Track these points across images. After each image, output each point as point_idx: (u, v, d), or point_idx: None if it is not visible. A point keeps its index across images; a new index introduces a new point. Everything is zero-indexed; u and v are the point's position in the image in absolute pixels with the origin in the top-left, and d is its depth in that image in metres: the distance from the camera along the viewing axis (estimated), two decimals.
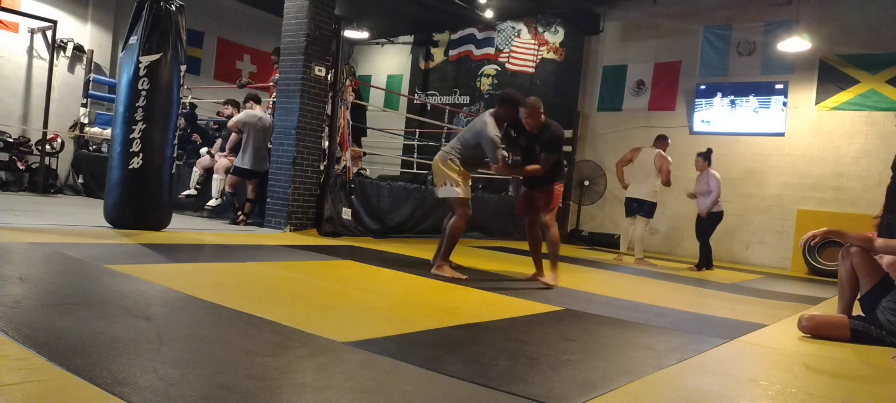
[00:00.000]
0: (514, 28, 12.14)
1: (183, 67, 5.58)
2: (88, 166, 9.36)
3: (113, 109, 5.99)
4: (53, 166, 9.24)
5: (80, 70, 9.86)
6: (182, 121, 8.42)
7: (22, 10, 9.07)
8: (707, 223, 7.49)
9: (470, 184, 4.80)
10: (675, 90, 10.47)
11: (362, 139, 8.69)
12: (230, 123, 7.17)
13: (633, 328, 3.34)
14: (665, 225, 10.31)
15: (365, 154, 8.96)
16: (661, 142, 7.81)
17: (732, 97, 9.88)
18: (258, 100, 7.37)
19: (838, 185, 9.09)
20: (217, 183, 7.37)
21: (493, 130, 4.52)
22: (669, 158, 7.65)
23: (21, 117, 9.32)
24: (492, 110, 4.74)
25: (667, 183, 7.62)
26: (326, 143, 6.91)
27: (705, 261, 7.55)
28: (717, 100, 10.00)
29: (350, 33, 12.02)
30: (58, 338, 1.98)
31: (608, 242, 9.81)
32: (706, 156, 7.46)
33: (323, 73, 6.80)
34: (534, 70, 11.81)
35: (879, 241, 3.49)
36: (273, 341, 2.25)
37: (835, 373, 2.76)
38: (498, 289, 4.21)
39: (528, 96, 4.73)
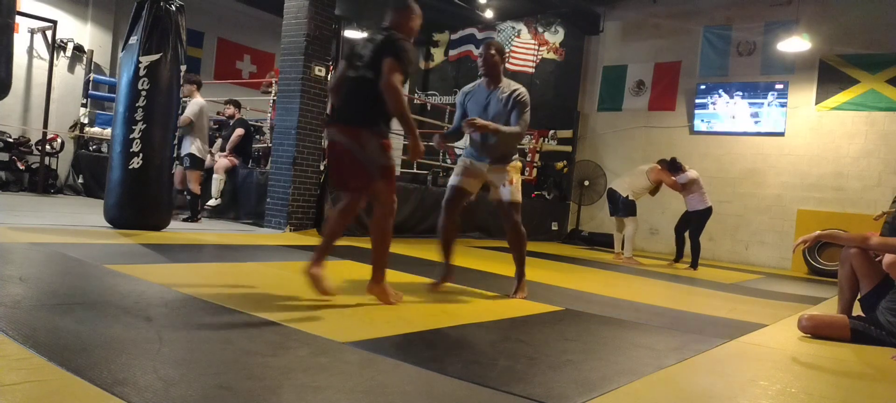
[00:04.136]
0: (514, 28, 12.13)
1: (183, 67, 5.59)
2: (88, 166, 9.36)
3: (113, 109, 5.99)
4: (53, 166, 9.24)
5: (80, 70, 9.86)
6: None
7: (22, 10, 9.05)
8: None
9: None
10: (675, 90, 10.48)
11: None
12: (182, 119, 6.29)
13: (633, 328, 3.34)
14: (666, 224, 10.30)
15: None
16: (666, 163, 7.87)
17: (732, 97, 9.88)
18: (200, 86, 6.98)
19: (838, 185, 9.09)
20: (217, 183, 7.37)
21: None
22: (671, 177, 7.68)
23: (21, 117, 9.32)
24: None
25: (673, 186, 7.72)
26: (326, 143, 6.91)
27: (687, 256, 7.88)
28: (717, 100, 10.00)
29: (350, 33, 12.01)
30: (58, 338, 1.98)
31: (608, 242, 9.78)
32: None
33: (323, 73, 6.80)
34: (534, 70, 11.80)
35: (875, 240, 3.44)
36: (273, 341, 2.25)
37: (835, 373, 2.75)
38: (497, 290, 4.21)
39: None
